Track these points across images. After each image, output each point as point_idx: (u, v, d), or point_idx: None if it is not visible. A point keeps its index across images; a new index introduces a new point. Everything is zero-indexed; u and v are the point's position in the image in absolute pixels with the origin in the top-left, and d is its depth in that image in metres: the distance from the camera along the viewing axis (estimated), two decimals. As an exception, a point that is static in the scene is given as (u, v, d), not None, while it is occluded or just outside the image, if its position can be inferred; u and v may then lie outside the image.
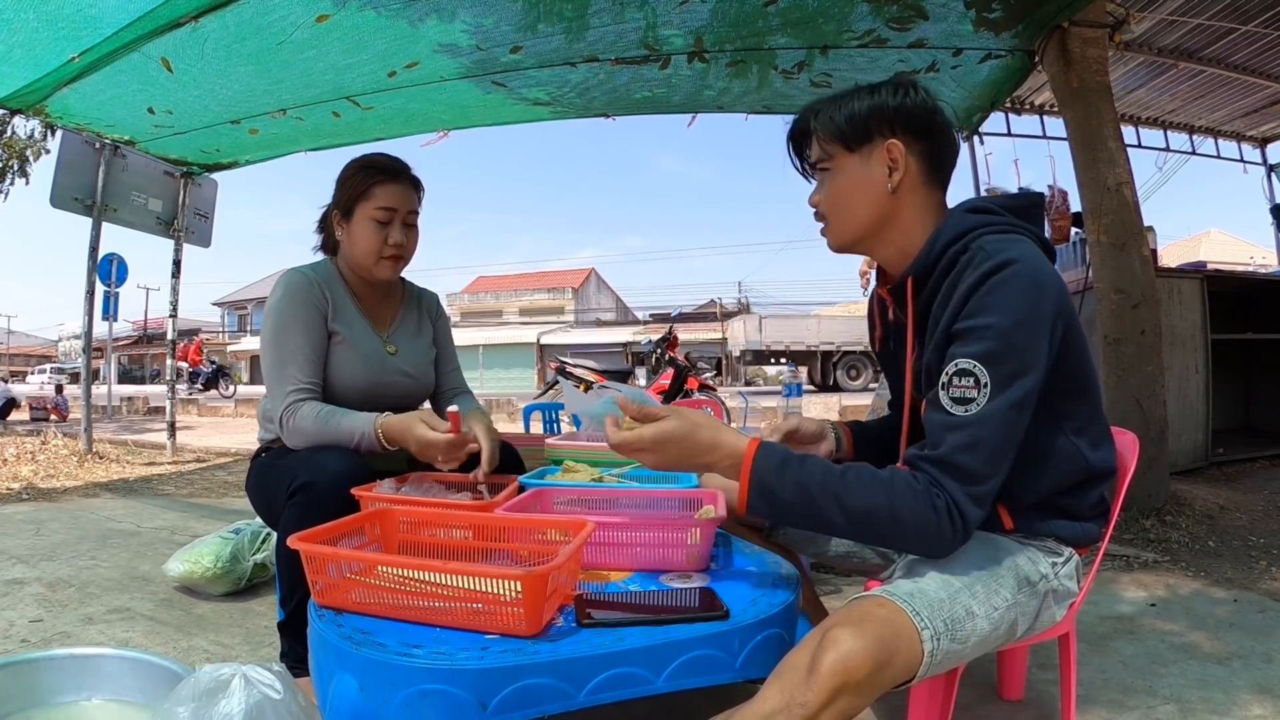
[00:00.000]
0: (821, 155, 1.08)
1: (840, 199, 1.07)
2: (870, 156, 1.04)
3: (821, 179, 1.10)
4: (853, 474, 0.91)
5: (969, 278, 0.93)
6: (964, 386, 0.90)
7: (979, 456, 0.89)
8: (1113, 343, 2.93)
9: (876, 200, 1.05)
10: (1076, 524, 1.03)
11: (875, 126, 1.03)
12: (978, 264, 0.93)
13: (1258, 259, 10.29)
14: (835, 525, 0.91)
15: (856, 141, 1.04)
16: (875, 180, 1.04)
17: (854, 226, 1.08)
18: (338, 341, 1.54)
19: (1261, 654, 1.63)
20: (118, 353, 32.96)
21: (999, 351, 0.89)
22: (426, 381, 1.71)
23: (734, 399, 7.26)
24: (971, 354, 0.90)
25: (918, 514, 0.88)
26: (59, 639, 1.77)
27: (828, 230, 1.12)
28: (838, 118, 1.05)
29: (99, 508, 3.50)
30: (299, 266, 1.58)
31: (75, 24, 2.86)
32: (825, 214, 1.11)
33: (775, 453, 0.94)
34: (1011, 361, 0.89)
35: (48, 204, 4.59)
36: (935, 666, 0.84)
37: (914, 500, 0.88)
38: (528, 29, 3.11)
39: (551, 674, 0.81)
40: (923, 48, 3.33)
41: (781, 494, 0.91)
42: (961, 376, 0.90)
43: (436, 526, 1.14)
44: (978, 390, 0.89)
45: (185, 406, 11.46)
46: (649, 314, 33.46)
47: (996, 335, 0.89)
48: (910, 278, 1.05)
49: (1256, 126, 5.59)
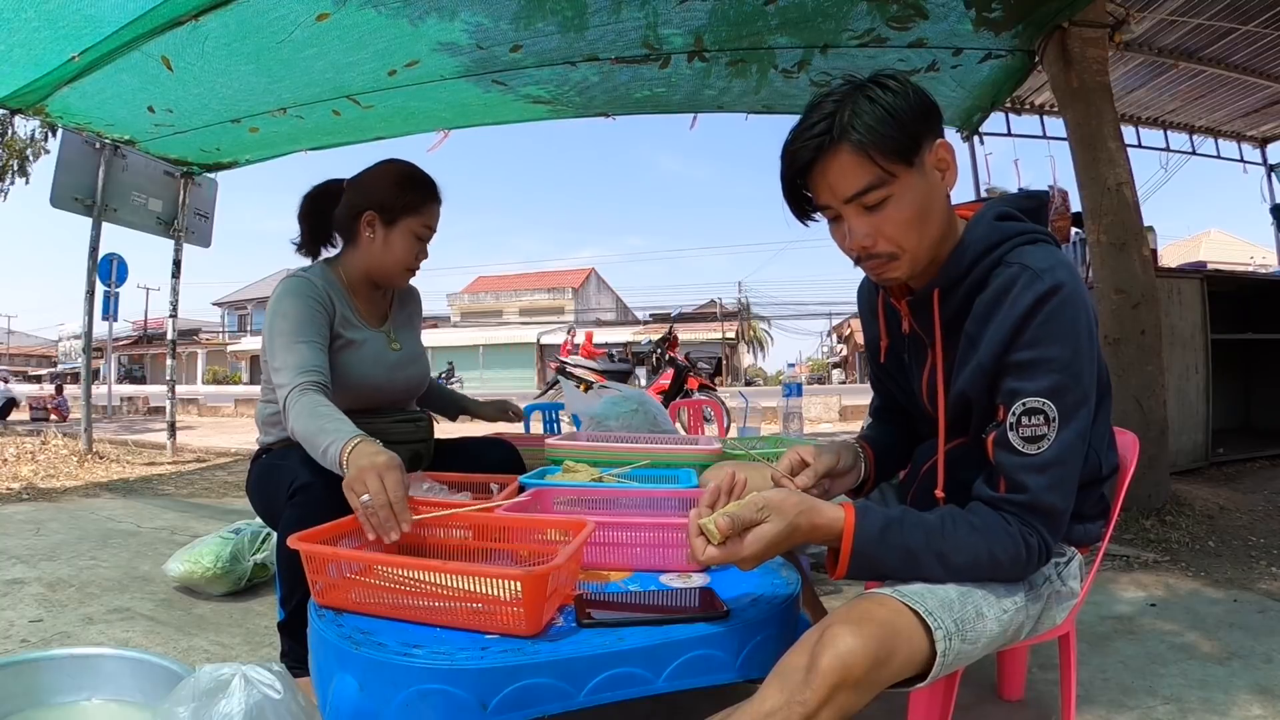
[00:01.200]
0: (876, 179, 0.90)
1: (912, 224, 0.93)
2: (925, 165, 0.93)
3: (860, 213, 0.93)
4: (949, 527, 0.90)
5: (1021, 302, 0.89)
6: (1035, 425, 0.89)
7: (1062, 495, 0.90)
8: (1113, 343, 2.93)
9: (943, 214, 0.96)
10: (1079, 524, 1.03)
11: (924, 128, 0.92)
12: (1028, 285, 0.89)
13: (1258, 259, 10.28)
14: (936, 578, 0.90)
15: (913, 151, 0.91)
16: (937, 189, 0.95)
17: (928, 250, 0.96)
18: (344, 345, 1.53)
19: (1261, 654, 1.63)
20: (118, 353, 32.97)
21: (1066, 385, 0.88)
22: (425, 371, 1.74)
23: (734, 399, 7.26)
24: (1039, 391, 0.88)
25: (1015, 557, 0.90)
26: (59, 639, 1.77)
27: (898, 264, 0.96)
28: (890, 131, 0.88)
29: (99, 508, 3.50)
30: (299, 273, 1.55)
31: (75, 23, 2.86)
32: (893, 249, 0.94)
33: (873, 522, 0.89)
34: (1075, 392, 0.89)
35: (48, 204, 4.59)
36: (946, 667, 0.84)
37: (1011, 545, 0.89)
38: (527, 28, 3.11)
39: (551, 674, 0.81)
40: (923, 47, 3.33)
41: (884, 562, 0.90)
42: (1031, 415, 0.89)
43: (436, 526, 1.14)
44: (1048, 427, 0.88)
45: (185, 406, 11.46)
46: (649, 314, 33.48)
47: (1061, 368, 0.88)
48: (937, 290, 0.99)
49: (1256, 126, 5.59)
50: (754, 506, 0.86)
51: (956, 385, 0.99)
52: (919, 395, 1.09)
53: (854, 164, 0.90)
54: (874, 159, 0.89)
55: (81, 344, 5.15)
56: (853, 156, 0.90)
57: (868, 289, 1.18)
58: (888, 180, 0.90)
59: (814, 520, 0.88)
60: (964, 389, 0.97)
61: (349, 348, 1.54)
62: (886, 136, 0.88)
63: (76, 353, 30.04)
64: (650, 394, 1.96)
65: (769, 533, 0.85)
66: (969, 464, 1.01)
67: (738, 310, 34.12)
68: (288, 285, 1.50)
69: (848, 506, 0.91)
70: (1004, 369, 0.92)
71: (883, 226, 0.93)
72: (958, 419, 1.02)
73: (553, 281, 36.49)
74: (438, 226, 1.62)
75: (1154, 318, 2.94)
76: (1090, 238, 3.07)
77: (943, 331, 1.00)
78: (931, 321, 1.01)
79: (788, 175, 0.97)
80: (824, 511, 0.89)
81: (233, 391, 23.95)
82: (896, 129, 0.89)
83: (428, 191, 1.58)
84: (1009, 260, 0.93)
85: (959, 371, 0.98)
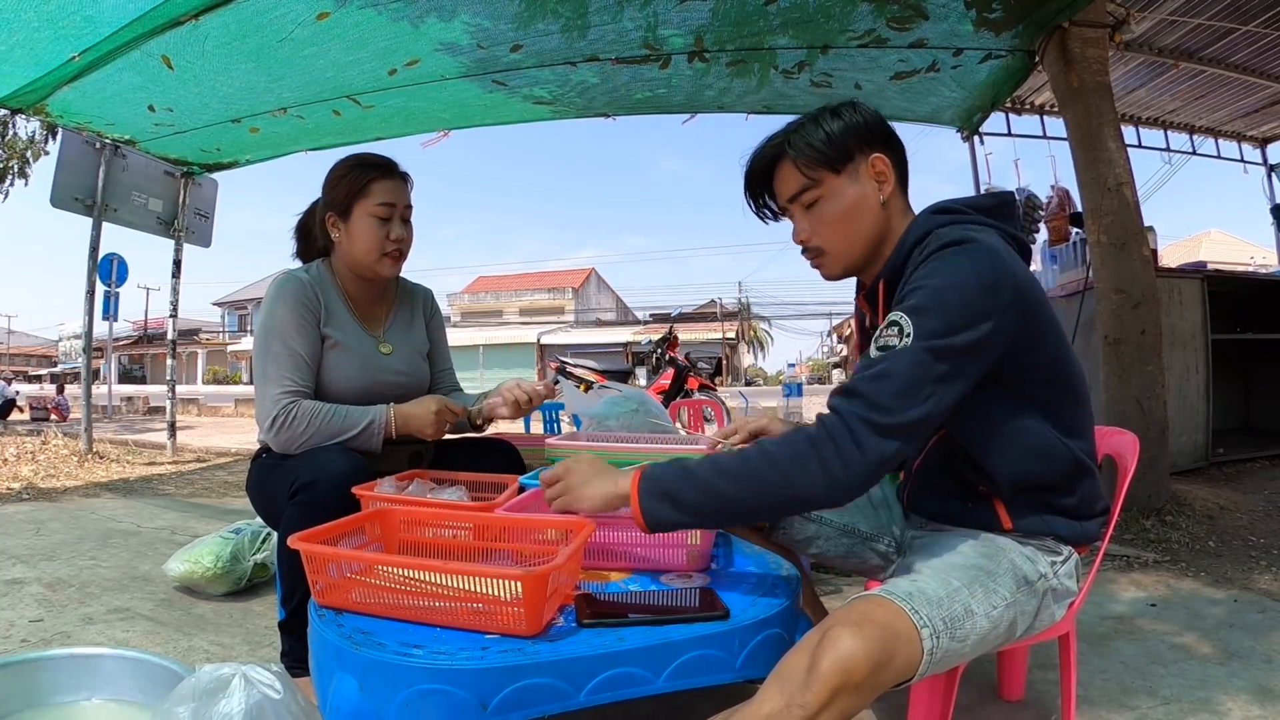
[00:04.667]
0: (805, 183, 1.07)
1: (837, 223, 1.07)
2: (857, 174, 1.06)
3: (801, 212, 1.10)
4: (753, 452, 0.91)
5: (919, 258, 0.98)
6: (889, 335, 0.92)
7: (883, 386, 0.88)
8: (1113, 343, 2.93)
9: (873, 216, 1.07)
10: (1076, 523, 1.03)
11: (854, 143, 1.05)
12: (931, 246, 0.97)
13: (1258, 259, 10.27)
14: (725, 491, 0.90)
15: (840, 162, 1.05)
16: (868, 196, 1.06)
17: (857, 248, 1.09)
18: (330, 345, 1.53)
19: (1261, 654, 1.63)
20: (118, 353, 32.97)
21: (926, 305, 0.91)
22: (421, 378, 1.70)
23: (734, 399, 7.26)
24: (902, 308, 0.93)
25: (819, 451, 0.87)
26: (59, 639, 1.77)
27: (826, 259, 1.11)
28: (815, 142, 1.05)
29: (99, 508, 3.50)
30: (292, 270, 1.57)
31: (76, 23, 2.86)
32: (821, 244, 1.10)
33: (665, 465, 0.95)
34: (938, 316, 0.90)
35: (48, 204, 4.59)
36: (935, 665, 0.84)
37: (815, 435, 0.88)
38: (527, 28, 3.11)
39: (551, 674, 0.81)
40: (923, 48, 3.33)
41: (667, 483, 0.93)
42: (889, 327, 0.92)
43: (437, 526, 1.14)
44: (899, 338, 0.90)
45: (185, 406, 11.46)
46: (649, 314, 33.47)
47: (929, 292, 0.92)
48: (882, 280, 1.07)
49: (1257, 126, 5.59)
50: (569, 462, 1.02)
51: None
52: None
53: (789, 172, 1.09)
54: (800, 168, 1.07)
55: (81, 344, 5.15)
56: (788, 166, 1.08)
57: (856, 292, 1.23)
58: (813, 185, 1.07)
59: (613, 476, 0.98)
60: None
61: (335, 348, 1.53)
62: (815, 150, 1.05)
63: (76, 353, 30.03)
64: (650, 394, 1.95)
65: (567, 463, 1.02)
66: (958, 459, 1.03)
67: (738, 310, 34.12)
68: (277, 287, 1.51)
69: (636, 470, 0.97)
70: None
71: (816, 225, 1.09)
72: None
73: (553, 281, 36.48)
74: (406, 202, 1.55)
75: (1154, 318, 2.94)
76: (1090, 238, 3.07)
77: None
78: (878, 311, 1.09)
79: (748, 181, 1.15)
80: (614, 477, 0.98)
81: (233, 391, 23.95)
82: (825, 144, 1.05)
83: (370, 170, 1.52)
84: (930, 240, 0.99)
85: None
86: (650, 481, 0.94)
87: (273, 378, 1.44)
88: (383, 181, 1.52)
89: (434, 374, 1.76)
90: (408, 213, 1.57)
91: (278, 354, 1.46)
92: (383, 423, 1.46)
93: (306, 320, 1.49)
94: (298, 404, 1.42)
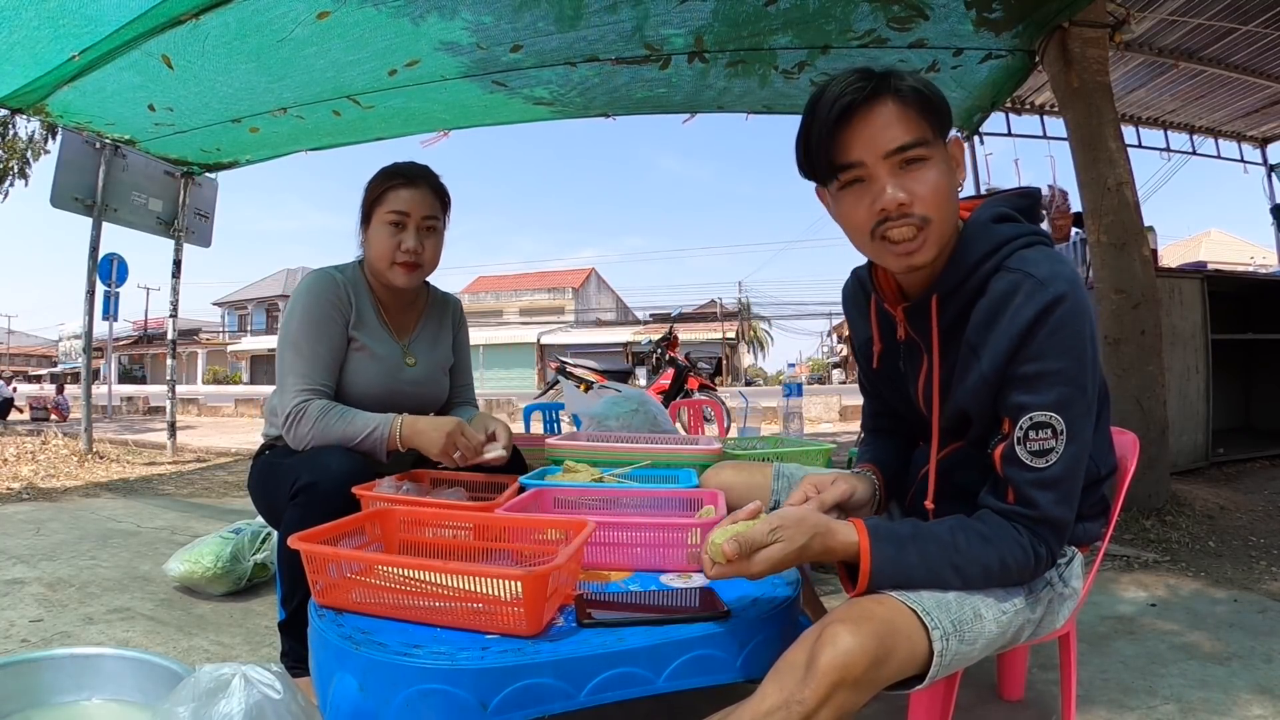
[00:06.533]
0: (919, 136, 0.88)
1: (942, 194, 0.89)
2: (946, 149, 0.92)
3: (894, 171, 0.88)
4: (961, 539, 0.90)
5: (1025, 312, 0.87)
6: (1043, 439, 0.88)
7: (1069, 508, 0.91)
8: (1113, 343, 2.93)
9: (956, 204, 0.94)
10: (1079, 523, 1.03)
11: (947, 118, 0.92)
12: (1030, 295, 0.87)
13: (1258, 259, 10.29)
14: (953, 588, 0.90)
15: (944, 127, 0.91)
16: (955, 178, 0.93)
17: (950, 231, 0.93)
18: (356, 348, 1.53)
19: (1261, 654, 1.63)
20: (118, 353, 32.97)
21: (1072, 398, 0.88)
22: (440, 392, 1.70)
23: (734, 399, 7.26)
24: (1046, 405, 0.88)
25: (1024, 564, 0.91)
26: (59, 639, 1.77)
27: (927, 235, 0.90)
28: (928, 92, 0.89)
29: (99, 508, 3.50)
30: (327, 267, 1.58)
31: (76, 22, 2.86)
32: (928, 212, 0.89)
33: (887, 542, 0.88)
34: (1081, 404, 0.89)
35: (48, 204, 4.59)
36: (944, 668, 0.83)
37: (1022, 555, 0.90)
38: (527, 27, 3.11)
39: (552, 674, 0.81)
40: (923, 48, 3.33)
41: (901, 581, 0.88)
42: (1039, 429, 0.88)
43: (436, 526, 1.14)
44: (1056, 440, 0.88)
45: (185, 406, 11.46)
46: (649, 314, 33.47)
47: (1068, 381, 0.87)
48: (936, 295, 0.96)
49: (1257, 126, 5.59)
50: (766, 528, 0.86)
51: (955, 394, 0.98)
52: (915, 401, 1.08)
53: (900, 115, 0.88)
54: (920, 115, 0.88)
55: (81, 344, 5.15)
56: (899, 108, 0.88)
57: (856, 294, 1.15)
58: (929, 142, 0.89)
59: (827, 544, 0.89)
60: (965, 399, 0.97)
61: (361, 351, 1.53)
62: (930, 100, 0.89)
63: (76, 352, 30.04)
64: (650, 394, 1.95)
65: (776, 554, 0.85)
66: (967, 468, 1.01)
67: (738, 310, 34.12)
68: (308, 282, 1.52)
69: (859, 526, 0.90)
70: (1009, 381, 0.90)
71: (916, 189, 0.88)
72: (954, 426, 1.02)
73: (553, 281, 36.48)
74: (425, 213, 1.52)
75: (1154, 318, 2.94)
76: (1090, 238, 3.07)
77: (940, 339, 0.98)
78: (929, 328, 0.99)
79: (822, 122, 0.89)
80: (837, 534, 0.89)
81: (233, 391, 23.97)
82: (937, 98, 0.90)
83: (391, 178, 1.52)
84: (1009, 266, 0.92)
85: (958, 380, 0.97)
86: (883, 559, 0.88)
87: (292, 373, 1.45)
88: (400, 191, 1.51)
89: (453, 387, 1.76)
90: (428, 224, 1.53)
91: (301, 350, 1.46)
92: (387, 433, 1.42)
93: (335, 320, 1.49)
94: (310, 402, 1.42)
